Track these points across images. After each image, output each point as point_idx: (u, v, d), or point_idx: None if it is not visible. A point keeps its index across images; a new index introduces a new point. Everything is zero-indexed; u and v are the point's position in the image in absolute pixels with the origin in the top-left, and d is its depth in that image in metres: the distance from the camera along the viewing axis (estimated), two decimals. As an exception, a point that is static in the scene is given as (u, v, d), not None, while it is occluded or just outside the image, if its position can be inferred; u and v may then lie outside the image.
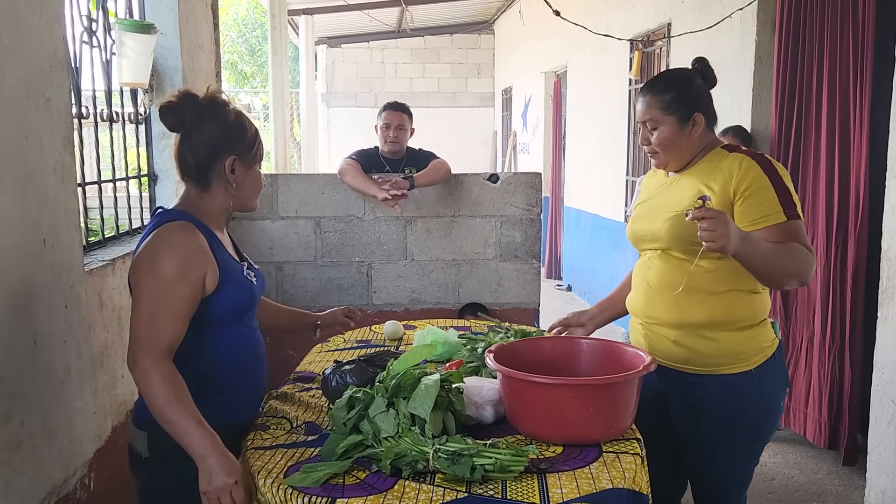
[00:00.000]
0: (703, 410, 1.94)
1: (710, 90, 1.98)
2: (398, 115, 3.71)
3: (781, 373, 2.00)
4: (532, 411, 1.66)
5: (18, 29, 1.76)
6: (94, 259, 2.36)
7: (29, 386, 1.79)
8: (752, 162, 1.85)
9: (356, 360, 1.98)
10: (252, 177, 1.76)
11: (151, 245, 1.64)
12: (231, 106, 1.73)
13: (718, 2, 4.30)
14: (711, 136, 1.98)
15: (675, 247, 1.91)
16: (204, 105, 1.69)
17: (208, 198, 1.73)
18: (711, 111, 1.97)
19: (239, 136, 1.72)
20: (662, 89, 1.93)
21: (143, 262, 1.63)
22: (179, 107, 1.67)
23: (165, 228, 1.66)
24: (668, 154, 1.95)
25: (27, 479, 1.78)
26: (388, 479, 1.49)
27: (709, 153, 1.94)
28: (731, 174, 1.85)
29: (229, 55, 19.60)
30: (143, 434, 1.67)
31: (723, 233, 1.63)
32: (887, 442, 2.66)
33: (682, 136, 1.91)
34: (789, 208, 1.81)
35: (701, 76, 1.97)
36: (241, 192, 1.75)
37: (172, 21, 3.05)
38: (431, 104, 12.76)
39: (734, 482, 2.04)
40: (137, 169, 3.06)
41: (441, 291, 3.78)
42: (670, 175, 2.02)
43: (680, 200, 1.90)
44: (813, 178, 3.48)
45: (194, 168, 1.70)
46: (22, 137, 1.78)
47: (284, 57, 7.85)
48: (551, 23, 6.55)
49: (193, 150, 1.68)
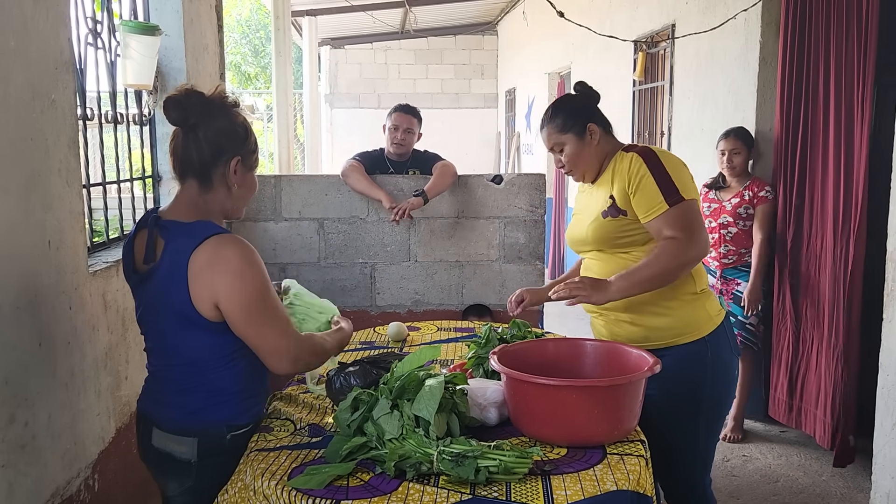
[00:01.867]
0: (668, 381, 1.99)
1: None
2: (408, 119, 3.70)
3: (733, 340, 2.17)
4: (536, 413, 1.66)
5: (24, 31, 1.77)
6: (99, 261, 2.36)
7: (33, 387, 1.80)
8: (638, 157, 2.03)
9: (360, 362, 1.98)
10: (249, 181, 1.76)
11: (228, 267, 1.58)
12: (239, 107, 1.73)
13: (723, 3, 4.29)
14: (613, 141, 2.16)
15: (603, 246, 2.11)
16: (212, 102, 1.67)
17: (210, 198, 1.69)
18: (603, 119, 2.16)
19: (244, 137, 1.71)
20: (554, 116, 2.15)
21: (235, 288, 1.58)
22: (186, 101, 1.63)
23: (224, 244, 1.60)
24: (579, 168, 2.15)
25: (31, 481, 1.78)
26: (392, 480, 1.49)
27: (612, 157, 2.12)
28: (624, 173, 2.04)
29: (233, 56, 19.63)
30: (192, 440, 1.67)
31: (588, 294, 1.95)
32: (892, 444, 2.65)
33: (584, 147, 2.12)
34: (670, 195, 1.97)
35: (584, 96, 2.19)
36: (239, 195, 1.74)
37: (177, 23, 3.05)
38: (435, 105, 12.75)
39: (699, 458, 2.16)
40: (142, 170, 3.07)
41: (444, 293, 3.78)
42: (591, 185, 2.20)
43: (596, 207, 2.11)
44: (821, 180, 3.47)
45: (198, 165, 1.67)
46: (27, 139, 1.78)
47: (288, 58, 7.86)
48: (555, 24, 6.55)
49: (199, 146, 1.65)
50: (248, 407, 1.73)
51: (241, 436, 1.71)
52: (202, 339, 1.63)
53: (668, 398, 2.03)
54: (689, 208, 1.99)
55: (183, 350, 1.66)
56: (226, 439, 1.68)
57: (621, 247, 2.07)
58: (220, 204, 1.72)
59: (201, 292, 1.58)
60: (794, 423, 3.69)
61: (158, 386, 1.73)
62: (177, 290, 1.59)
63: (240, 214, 1.81)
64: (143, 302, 1.70)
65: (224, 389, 1.68)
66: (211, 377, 1.66)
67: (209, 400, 1.67)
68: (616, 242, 2.07)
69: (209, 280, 1.57)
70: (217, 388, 1.67)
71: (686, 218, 1.98)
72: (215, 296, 1.58)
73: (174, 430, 1.68)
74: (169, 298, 1.61)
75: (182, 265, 1.58)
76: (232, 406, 1.69)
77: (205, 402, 1.67)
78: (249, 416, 1.74)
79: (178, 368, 1.68)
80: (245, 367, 1.69)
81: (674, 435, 2.08)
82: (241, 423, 1.71)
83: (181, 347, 1.66)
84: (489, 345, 2.15)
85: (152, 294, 1.65)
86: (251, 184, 1.77)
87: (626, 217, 2.04)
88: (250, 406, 1.74)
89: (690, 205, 2.00)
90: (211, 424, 1.67)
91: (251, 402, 1.74)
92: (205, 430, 1.66)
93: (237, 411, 1.70)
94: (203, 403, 1.67)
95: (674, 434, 2.08)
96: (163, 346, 1.69)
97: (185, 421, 1.67)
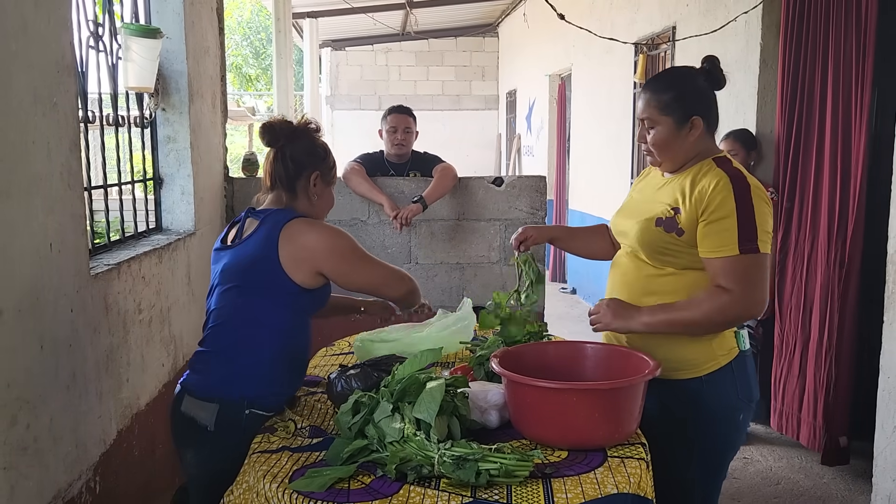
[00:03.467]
0: (658, 417, 1.89)
1: (716, 92, 1.93)
2: (404, 119, 3.71)
3: (743, 384, 1.91)
4: (537, 416, 1.66)
5: (26, 34, 1.77)
6: (100, 263, 2.36)
7: (35, 390, 1.80)
8: (728, 184, 1.78)
9: (361, 365, 1.98)
10: (328, 194, 2.06)
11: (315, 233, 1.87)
12: (320, 132, 2.05)
13: (723, 5, 4.30)
14: (710, 142, 1.92)
15: (641, 250, 1.90)
16: (298, 127, 2.00)
17: (295, 204, 1.98)
18: (713, 115, 1.92)
19: (323, 157, 2.02)
20: (662, 88, 1.89)
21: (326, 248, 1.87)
22: (277, 127, 1.98)
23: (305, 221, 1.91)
24: (661, 155, 1.91)
25: (32, 483, 1.79)
26: (394, 483, 1.49)
27: (700, 161, 1.88)
28: (704, 193, 1.79)
29: (234, 58, 19.66)
30: (213, 406, 1.84)
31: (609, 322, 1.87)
32: (893, 447, 2.66)
33: (677, 138, 1.87)
34: (747, 242, 1.74)
35: (707, 76, 1.91)
36: (318, 206, 2.02)
37: (178, 25, 3.05)
38: (435, 107, 12.77)
39: (698, 496, 1.97)
40: (143, 172, 3.07)
41: (445, 295, 3.78)
42: (665, 175, 1.98)
43: (657, 205, 1.90)
44: (814, 182, 3.47)
45: (284, 177, 1.96)
46: (29, 142, 1.78)
47: (289, 60, 7.87)
48: (556, 26, 6.55)
49: (286, 162, 1.96)
50: (273, 393, 1.90)
51: (259, 417, 1.85)
52: (266, 304, 1.86)
53: (662, 429, 1.89)
54: (760, 263, 1.76)
55: (244, 311, 1.87)
56: (244, 414, 1.83)
57: (658, 259, 1.87)
58: (302, 212, 1.97)
59: (295, 254, 1.84)
60: (777, 427, 3.69)
61: (203, 356, 1.93)
62: (266, 253, 1.84)
63: None
64: (224, 267, 1.92)
65: (259, 365, 1.87)
66: (255, 349, 1.86)
67: (242, 372, 1.86)
68: (656, 253, 1.87)
69: (305, 245, 1.85)
70: (254, 361, 1.86)
71: (751, 272, 1.76)
72: (314, 259, 1.85)
73: (201, 396, 1.87)
74: (254, 260, 1.86)
75: (275, 233, 1.85)
76: (260, 386, 1.87)
77: (237, 373, 1.86)
78: (271, 403, 1.89)
79: (229, 332, 1.89)
80: (286, 357, 1.91)
81: (668, 467, 1.89)
82: (263, 405, 1.87)
83: (244, 309, 1.88)
84: (492, 346, 2.14)
85: (238, 257, 1.89)
86: (329, 197, 2.06)
87: (679, 238, 1.83)
88: (275, 393, 1.91)
89: (762, 259, 1.76)
90: (234, 395, 1.84)
91: (277, 391, 1.91)
92: (226, 400, 1.84)
93: (263, 392, 1.87)
94: (235, 373, 1.86)
95: (668, 466, 1.89)
96: (229, 306, 1.90)
97: (213, 387, 1.87)
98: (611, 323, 1.87)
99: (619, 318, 1.86)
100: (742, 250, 1.75)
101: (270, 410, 1.88)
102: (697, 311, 1.79)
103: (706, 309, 1.78)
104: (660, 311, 1.83)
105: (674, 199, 1.86)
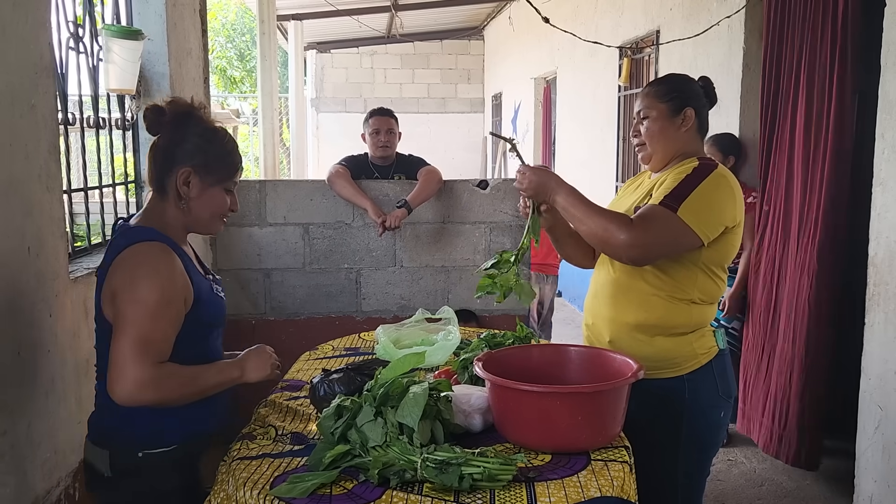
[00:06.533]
0: (648, 411, 1.91)
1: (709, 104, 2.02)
2: (386, 120, 3.71)
3: (723, 383, 1.97)
4: (520, 419, 1.66)
5: (3, 34, 1.75)
6: (80, 267, 2.34)
7: (12, 396, 1.77)
8: (695, 163, 1.89)
9: (344, 369, 1.97)
10: (211, 197, 1.68)
11: (130, 271, 1.56)
12: (206, 119, 1.69)
13: (706, 9, 4.32)
14: (698, 143, 2.00)
15: None
16: (176, 113, 1.66)
17: (165, 207, 1.67)
18: (704, 115, 2.01)
19: (202, 148, 1.66)
20: (662, 82, 2.02)
21: (124, 289, 1.55)
22: (158, 111, 1.66)
23: (141, 250, 1.58)
24: (652, 144, 1.97)
25: (10, 491, 1.76)
26: (376, 489, 1.48)
27: (682, 161, 1.95)
28: (674, 173, 1.90)
29: (218, 60, 19.55)
30: (104, 453, 1.63)
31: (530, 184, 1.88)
32: (875, 448, 2.68)
33: (670, 127, 1.95)
34: (671, 200, 1.82)
35: (703, 89, 2.02)
36: (193, 209, 1.67)
37: (160, 27, 3.03)
38: (421, 110, 12.78)
39: (681, 496, 2.00)
40: (124, 175, 3.04)
41: (430, 298, 3.77)
42: (652, 177, 2.03)
43: (636, 197, 1.96)
44: (786, 186, 3.49)
45: (153, 174, 1.68)
46: (6, 144, 1.76)
47: (273, 62, 7.84)
48: (541, 29, 6.57)
49: (156, 155, 1.68)
50: (168, 429, 1.62)
51: (160, 455, 1.62)
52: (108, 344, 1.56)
53: (646, 428, 1.88)
54: (670, 221, 1.80)
55: (103, 344, 1.60)
56: (137, 457, 1.61)
57: None
58: (173, 214, 1.68)
59: (106, 291, 1.59)
60: (740, 428, 3.71)
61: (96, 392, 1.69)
62: (98, 289, 1.61)
63: (211, 231, 1.77)
64: None
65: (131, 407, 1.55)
66: None
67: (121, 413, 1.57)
68: None
69: (112, 281, 1.57)
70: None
71: (657, 223, 1.81)
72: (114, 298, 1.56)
73: (94, 440, 1.66)
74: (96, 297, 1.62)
75: (107, 265, 1.60)
76: (144, 425, 1.60)
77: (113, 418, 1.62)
78: (173, 438, 1.63)
79: (102, 368, 1.63)
80: None
81: (652, 466, 1.90)
82: (160, 443, 1.62)
83: (102, 342, 1.62)
84: (475, 349, 2.14)
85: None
86: (214, 201, 1.69)
87: None
88: (171, 429, 1.63)
89: (674, 220, 1.80)
90: (121, 439, 1.62)
91: (172, 426, 1.63)
92: (115, 445, 1.62)
93: (154, 429, 1.61)
94: (116, 414, 1.59)
95: (652, 466, 1.90)
96: (98, 337, 1.66)
97: (102, 430, 1.65)
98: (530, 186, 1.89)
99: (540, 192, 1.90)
100: (662, 203, 1.82)
101: (172, 445, 1.63)
102: (597, 218, 1.83)
103: (603, 221, 1.82)
104: (576, 195, 1.87)
105: (652, 187, 1.94)
